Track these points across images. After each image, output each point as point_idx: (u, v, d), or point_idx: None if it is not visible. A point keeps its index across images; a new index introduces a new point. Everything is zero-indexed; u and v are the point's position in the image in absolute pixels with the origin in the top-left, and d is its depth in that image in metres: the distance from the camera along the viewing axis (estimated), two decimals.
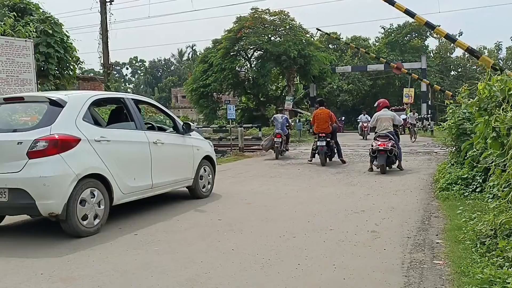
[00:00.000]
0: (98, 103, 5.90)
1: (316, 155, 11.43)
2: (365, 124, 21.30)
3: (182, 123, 6.74)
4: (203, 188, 6.98)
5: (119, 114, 5.92)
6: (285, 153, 13.81)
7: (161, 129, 6.63)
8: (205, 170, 7.04)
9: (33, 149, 4.45)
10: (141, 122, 5.89)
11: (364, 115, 23.80)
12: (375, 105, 10.57)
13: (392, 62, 21.10)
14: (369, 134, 14.60)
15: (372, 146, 9.60)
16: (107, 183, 5.00)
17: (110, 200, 5.08)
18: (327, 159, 11.29)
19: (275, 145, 13.09)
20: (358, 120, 25.46)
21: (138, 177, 5.51)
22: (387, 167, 9.56)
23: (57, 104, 4.86)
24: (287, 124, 13.84)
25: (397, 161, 9.79)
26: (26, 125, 5.16)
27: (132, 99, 6.02)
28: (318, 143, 11.05)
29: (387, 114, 9.98)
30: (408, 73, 20.01)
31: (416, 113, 23.95)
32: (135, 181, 5.44)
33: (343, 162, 11.43)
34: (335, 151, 11.53)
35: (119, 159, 5.20)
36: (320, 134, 11.06)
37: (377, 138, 9.61)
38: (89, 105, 5.16)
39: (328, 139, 11.09)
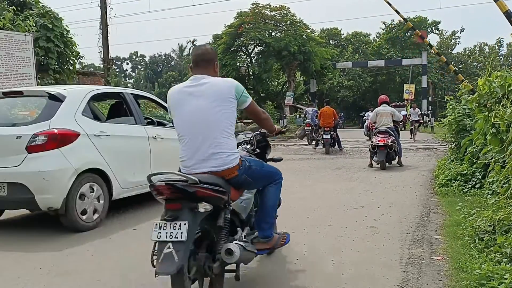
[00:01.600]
0: (97, 97, 5.88)
1: (320, 144, 14.05)
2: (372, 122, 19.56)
3: None
4: None
5: (118, 109, 5.90)
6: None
7: (160, 124, 6.61)
8: None
9: (32, 144, 4.45)
10: (140, 117, 5.88)
11: (371, 112, 22.63)
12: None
13: (418, 29, 20.46)
14: None
15: (372, 141, 9.63)
16: (106, 177, 5.00)
17: (110, 195, 5.08)
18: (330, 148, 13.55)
19: (306, 133, 15.77)
20: (364, 118, 24.08)
21: (138, 172, 5.49)
22: (387, 163, 9.57)
23: (56, 99, 4.85)
24: (317, 115, 15.56)
25: (397, 157, 9.81)
26: (25, 119, 5.15)
27: (132, 94, 6.02)
28: (324, 136, 13.30)
29: (386, 109, 9.99)
30: (429, 45, 19.97)
31: (417, 108, 22.64)
32: (135, 176, 5.42)
33: (341, 149, 13.94)
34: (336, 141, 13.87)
35: (118, 154, 5.20)
36: (325, 128, 13.31)
37: (377, 134, 9.63)
38: (88, 100, 5.15)
39: (332, 133, 13.38)
